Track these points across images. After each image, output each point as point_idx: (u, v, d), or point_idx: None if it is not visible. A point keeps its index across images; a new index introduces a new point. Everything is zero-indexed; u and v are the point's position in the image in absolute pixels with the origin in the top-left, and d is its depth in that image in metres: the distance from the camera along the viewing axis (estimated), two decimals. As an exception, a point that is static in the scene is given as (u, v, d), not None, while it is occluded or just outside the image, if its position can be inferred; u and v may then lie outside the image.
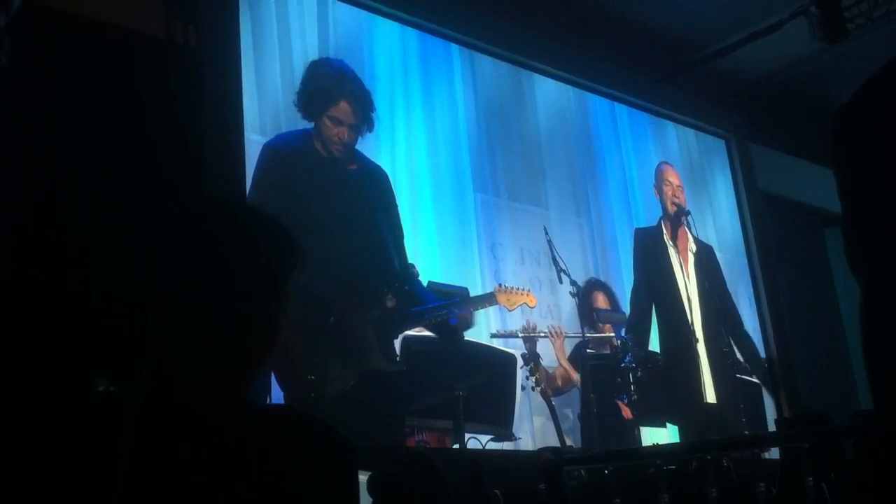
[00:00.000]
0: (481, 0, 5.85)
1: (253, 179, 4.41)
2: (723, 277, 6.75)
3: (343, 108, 4.78)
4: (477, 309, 4.87)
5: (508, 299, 4.99)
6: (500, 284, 5.07)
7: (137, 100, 4.00)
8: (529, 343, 5.14)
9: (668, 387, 5.68)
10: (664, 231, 6.43)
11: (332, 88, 4.80)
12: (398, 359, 4.47)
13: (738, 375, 6.18)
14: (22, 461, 1.02)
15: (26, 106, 3.57)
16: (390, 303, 4.60)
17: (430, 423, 4.56)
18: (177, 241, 1.13)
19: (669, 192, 6.53)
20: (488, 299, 4.95)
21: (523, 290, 5.08)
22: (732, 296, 6.80)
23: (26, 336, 3.19)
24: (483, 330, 5.01)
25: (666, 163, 6.77)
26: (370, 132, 4.87)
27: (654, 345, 6.05)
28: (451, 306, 4.59)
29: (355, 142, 4.79)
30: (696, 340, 6.18)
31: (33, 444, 1.03)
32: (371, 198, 4.83)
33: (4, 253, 3.36)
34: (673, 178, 6.65)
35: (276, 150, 4.56)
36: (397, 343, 4.52)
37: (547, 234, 5.51)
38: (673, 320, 6.22)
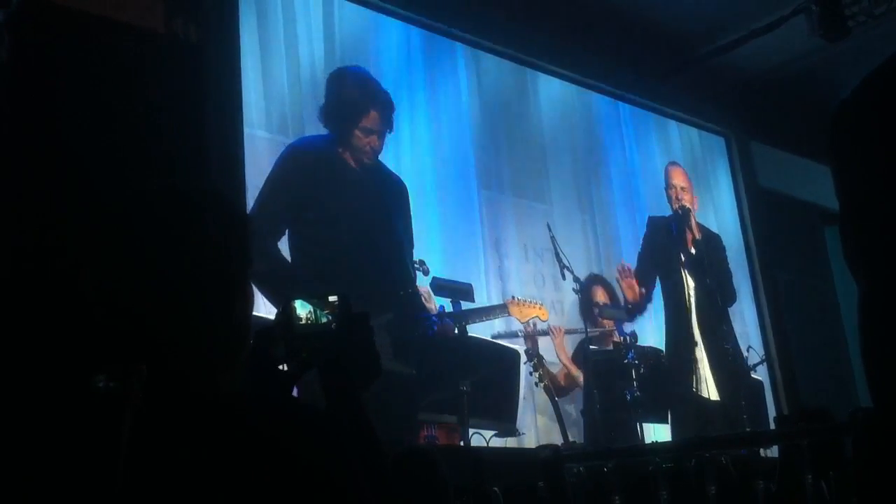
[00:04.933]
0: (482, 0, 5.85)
1: (269, 175, 4.48)
2: (728, 270, 6.81)
3: (373, 117, 4.87)
4: (488, 319, 4.92)
5: (521, 311, 5.04)
6: (512, 297, 5.13)
7: (138, 95, 3.99)
8: (531, 342, 5.15)
9: (670, 383, 5.70)
10: (672, 228, 6.50)
11: (361, 100, 4.88)
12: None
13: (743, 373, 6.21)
14: (21, 460, 1.02)
15: (26, 101, 3.57)
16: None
17: (438, 418, 4.58)
18: (135, 235, 1.13)
19: (673, 194, 6.62)
20: (500, 310, 4.99)
21: (535, 303, 5.12)
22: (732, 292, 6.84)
23: (25, 334, 3.19)
24: (486, 332, 5.03)
25: (673, 163, 6.82)
26: (391, 133, 4.93)
27: (659, 342, 6.08)
28: (433, 320, 4.65)
29: (382, 147, 4.85)
30: (696, 340, 6.19)
31: (32, 443, 1.03)
32: (389, 205, 4.90)
33: (4, 251, 3.35)
34: (677, 179, 6.72)
35: (298, 152, 4.63)
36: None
37: (550, 230, 5.52)
38: (677, 317, 6.25)
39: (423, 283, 4.81)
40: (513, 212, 5.61)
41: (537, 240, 5.60)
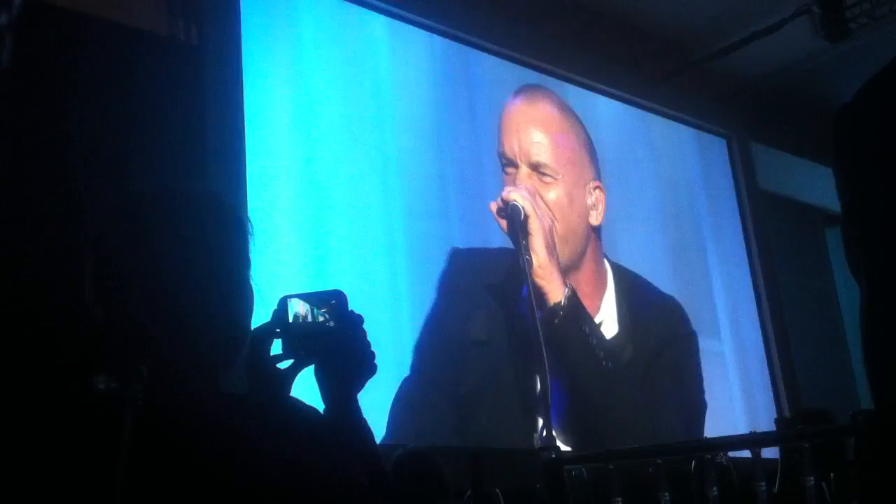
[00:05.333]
0: (483, 0, 5.84)
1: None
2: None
3: None
4: None
5: None
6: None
7: (139, 97, 3.99)
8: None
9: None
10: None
11: None
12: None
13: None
14: (21, 460, 1.02)
15: (28, 104, 3.57)
16: None
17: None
18: (135, 236, 1.13)
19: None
20: None
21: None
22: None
23: (25, 334, 3.19)
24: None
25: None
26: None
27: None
28: None
29: None
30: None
31: (33, 444, 1.03)
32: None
33: (4, 251, 3.35)
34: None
35: None
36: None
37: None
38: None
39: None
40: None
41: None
